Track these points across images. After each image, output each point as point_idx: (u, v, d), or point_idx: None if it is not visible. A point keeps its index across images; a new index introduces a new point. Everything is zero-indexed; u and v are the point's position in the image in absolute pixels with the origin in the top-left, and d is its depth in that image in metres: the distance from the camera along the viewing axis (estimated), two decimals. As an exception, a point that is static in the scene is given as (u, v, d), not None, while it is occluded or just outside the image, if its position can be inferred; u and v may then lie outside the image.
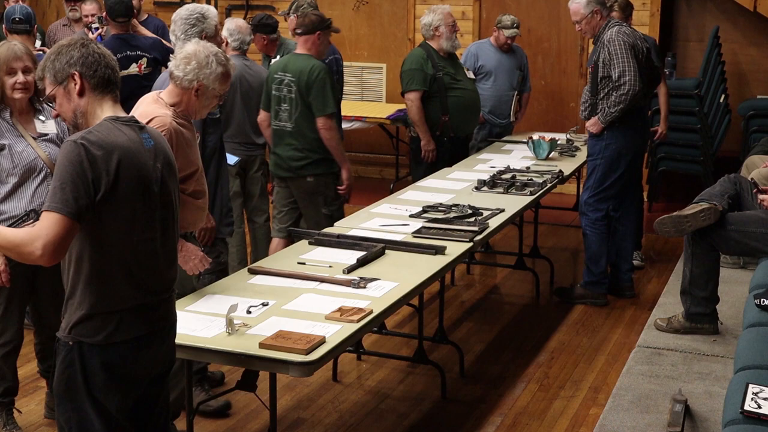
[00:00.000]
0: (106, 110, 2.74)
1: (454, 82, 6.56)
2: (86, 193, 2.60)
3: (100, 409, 2.73)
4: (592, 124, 5.93)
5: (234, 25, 5.87)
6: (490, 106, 7.32)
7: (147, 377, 2.83)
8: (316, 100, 5.44)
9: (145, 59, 6.11)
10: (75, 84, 2.73)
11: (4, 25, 5.53)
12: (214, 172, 4.49)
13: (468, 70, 6.81)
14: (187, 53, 3.75)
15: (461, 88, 6.57)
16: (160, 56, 6.28)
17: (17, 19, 5.39)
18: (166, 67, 6.54)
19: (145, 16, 8.03)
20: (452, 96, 6.52)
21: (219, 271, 4.44)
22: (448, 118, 6.51)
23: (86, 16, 6.97)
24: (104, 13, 6.54)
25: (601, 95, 5.83)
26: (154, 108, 3.74)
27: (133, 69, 5.88)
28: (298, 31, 5.62)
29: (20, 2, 6.24)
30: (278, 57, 6.97)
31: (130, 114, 3.26)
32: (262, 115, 5.73)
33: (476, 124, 6.89)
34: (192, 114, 3.82)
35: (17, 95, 3.98)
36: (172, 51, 6.58)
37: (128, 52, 5.86)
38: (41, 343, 4.32)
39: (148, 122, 3.54)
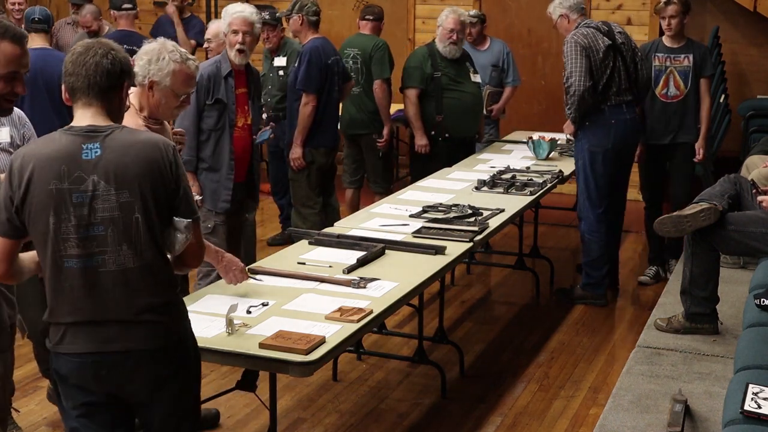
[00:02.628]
0: (75, 119, 2.70)
1: (453, 84, 6.58)
2: (6, 208, 2.66)
3: (64, 409, 2.79)
4: (566, 126, 6.05)
5: (213, 31, 5.66)
6: None
7: (105, 400, 2.74)
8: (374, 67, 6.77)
9: None
10: None
11: (23, 25, 5.71)
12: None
13: (476, 74, 6.77)
14: (144, 50, 3.77)
15: (459, 91, 6.59)
16: None
17: (36, 19, 5.57)
18: None
19: (188, 14, 8.22)
20: (448, 97, 6.55)
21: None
22: (442, 119, 6.56)
23: (83, 26, 7.05)
24: (112, 11, 6.65)
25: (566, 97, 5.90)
26: (127, 120, 3.74)
27: None
28: (370, 17, 6.95)
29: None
30: (281, 56, 7.01)
31: None
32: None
33: (475, 128, 6.83)
34: (157, 114, 3.75)
35: None
36: None
37: (125, 47, 6.02)
38: (36, 347, 4.31)
39: None
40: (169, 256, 2.78)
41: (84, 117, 2.68)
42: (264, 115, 7.04)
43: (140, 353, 2.69)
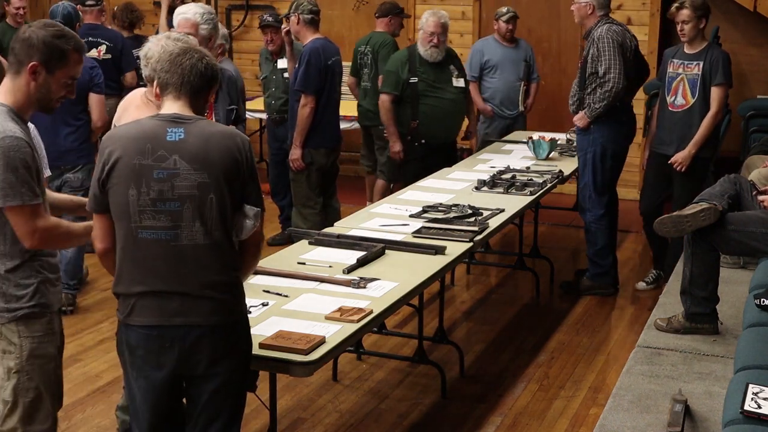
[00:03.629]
0: (162, 110, 2.94)
1: (431, 89, 6.47)
2: (94, 186, 2.92)
3: (128, 378, 3.00)
4: (579, 119, 6.08)
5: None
6: (499, 98, 7.73)
7: (168, 372, 2.90)
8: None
9: (104, 46, 6.89)
10: None
11: None
12: None
13: (459, 78, 6.59)
14: (155, 52, 3.82)
15: (436, 97, 6.48)
16: (120, 47, 7.07)
17: (59, 22, 5.71)
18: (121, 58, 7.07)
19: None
20: (424, 103, 6.46)
21: None
22: (417, 125, 6.50)
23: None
24: (78, 5, 6.96)
25: (588, 90, 5.94)
26: (142, 113, 3.77)
27: (93, 53, 6.80)
28: (377, 14, 7.55)
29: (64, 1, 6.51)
30: (285, 58, 7.02)
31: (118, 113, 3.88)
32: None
33: (453, 134, 6.67)
34: None
35: None
36: (136, 47, 7.03)
37: (90, 38, 6.68)
38: None
39: None
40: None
41: (171, 108, 2.92)
42: (264, 116, 7.06)
43: (202, 329, 2.88)
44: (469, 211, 4.92)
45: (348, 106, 8.64)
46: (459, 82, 6.60)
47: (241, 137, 2.95)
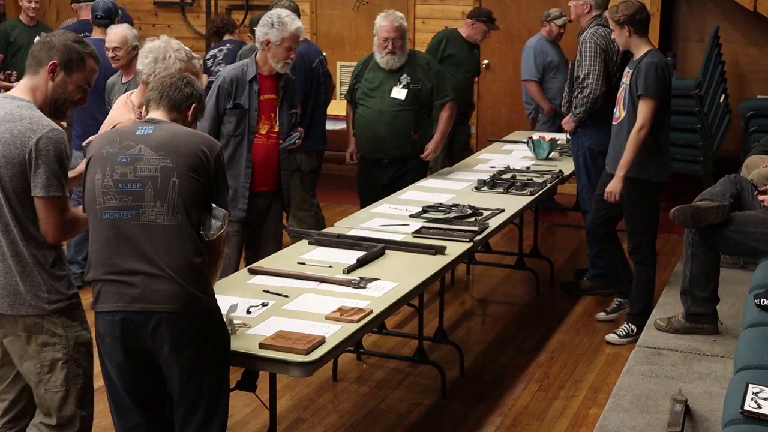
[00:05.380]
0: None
1: (364, 98, 5.89)
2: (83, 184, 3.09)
3: (105, 368, 3.08)
4: (566, 123, 6.06)
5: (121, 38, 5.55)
6: (560, 97, 7.56)
7: (136, 357, 2.99)
8: None
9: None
10: None
11: (90, 16, 6.47)
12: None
13: (404, 88, 5.76)
14: (148, 48, 3.85)
15: (364, 106, 5.89)
16: None
17: (99, 15, 6.29)
18: None
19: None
20: (356, 112, 5.97)
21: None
22: (354, 133, 6.05)
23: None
24: (71, 3, 7.14)
25: (575, 94, 5.90)
26: (120, 113, 3.82)
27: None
28: (468, 14, 7.43)
29: None
30: None
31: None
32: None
33: (387, 150, 5.84)
34: None
35: None
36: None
37: (86, 33, 6.59)
38: None
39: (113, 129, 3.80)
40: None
41: (155, 114, 3.14)
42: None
43: (160, 315, 2.93)
44: (469, 211, 4.92)
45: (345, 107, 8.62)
46: (399, 94, 5.77)
47: (212, 140, 3.12)
